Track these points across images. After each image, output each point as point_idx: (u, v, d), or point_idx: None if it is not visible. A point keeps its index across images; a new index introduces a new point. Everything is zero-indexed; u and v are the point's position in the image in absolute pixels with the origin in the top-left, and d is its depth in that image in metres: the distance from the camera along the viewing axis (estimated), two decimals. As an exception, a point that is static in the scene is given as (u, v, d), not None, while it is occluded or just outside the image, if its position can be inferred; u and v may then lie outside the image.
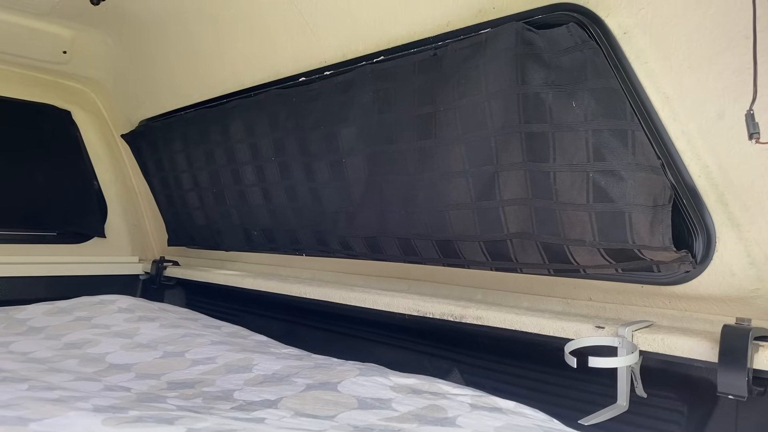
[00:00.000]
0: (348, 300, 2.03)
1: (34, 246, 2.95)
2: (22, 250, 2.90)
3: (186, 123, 2.65)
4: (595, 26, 1.35)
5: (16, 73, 2.94)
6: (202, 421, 1.02)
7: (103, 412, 1.08)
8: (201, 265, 3.00)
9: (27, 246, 2.93)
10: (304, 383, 1.44)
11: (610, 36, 1.35)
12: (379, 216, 1.88)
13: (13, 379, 1.44)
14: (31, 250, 2.92)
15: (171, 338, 1.96)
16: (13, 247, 2.89)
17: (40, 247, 2.97)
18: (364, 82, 1.81)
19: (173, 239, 3.07)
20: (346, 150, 1.92)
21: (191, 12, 2.33)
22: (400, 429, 1.14)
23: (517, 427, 1.20)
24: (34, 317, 2.26)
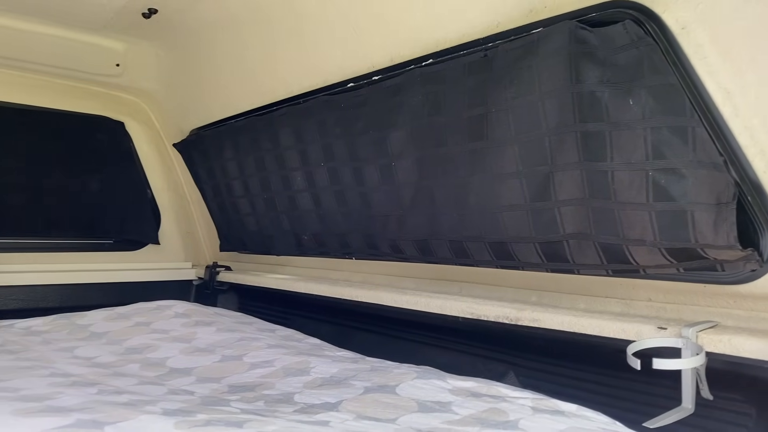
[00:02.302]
0: (400, 303, 2.04)
1: (91, 254, 3.04)
2: (81, 257, 3.00)
3: (236, 131, 2.70)
4: (652, 22, 1.33)
5: (71, 87, 3.04)
6: (270, 424, 1.04)
7: (173, 416, 1.11)
8: (252, 270, 3.05)
9: (85, 254, 3.03)
10: (363, 386, 1.45)
11: (668, 32, 1.32)
12: (430, 219, 1.88)
13: (82, 384, 1.49)
14: (89, 258, 3.02)
15: (228, 342, 2.00)
16: (72, 255, 2.99)
17: (98, 254, 3.06)
18: (413, 85, 1.82)
19: (225, 245, 3.13)
20: (396, 154, 1.93)
21: (240, 22, 2.38)
22: (463, 432, 1.14)
23: (581, 430, 1.19)
24: (95, 323, 2.34)
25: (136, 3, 2.44)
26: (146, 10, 2.50)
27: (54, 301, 2.80)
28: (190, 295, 3.20)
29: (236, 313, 2.56)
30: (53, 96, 2.97)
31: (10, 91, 2.86)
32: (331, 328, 2.41)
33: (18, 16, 2.53)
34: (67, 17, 2.57)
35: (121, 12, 2.52)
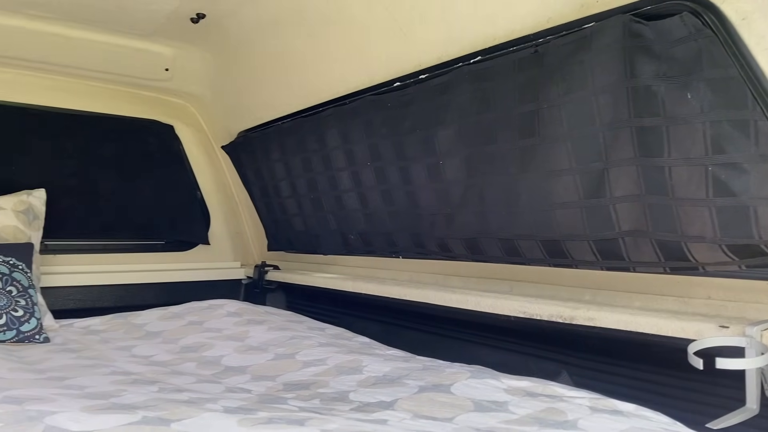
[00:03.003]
0: (449, 302, 2.03)
1: (144, 255, 3.12)
2: (134, 258, 3.08)
3: (283, 132, 2.74)
4: (710, 14, 1.29)
5: (123, 92, 3.12)
6: (330, 422, 1.06)
7: (235, 413, 1.14)
8: (299, 269, 3.08)
9: (138, 255, 3.10)
10: (417, 385, 1.45)
11: (727, 23, 1.29)
12: (479, 217, 1.88)
13: (142, 382, 1.54)
14: (142, 259, 3.10)
15: (280, 341, 2.03)
16: (125, 256, 3.07)
17: (150, 255, 3.13)
18: (461, 83, 1.81)
19: (272, 244, 3.17)
20: (444, 152, 1.93)
21: (286, 24, 2.40)
22: (522, 432, 1.13)
23: (642, 430, 1.17)
24: (150, 322, 2.40)
25: (184, 8, 2.50)
26: (194, 15, 2.56)
27: (109, 301, 2.88)
28: (239, 294, 3.25)
29: (286, 312, 2.59)
30: (105, 101, 3.05)
31: (64, 97, 2.95)
32: (378, 327, 2.41)
33: (71, 25, 2.61)
34: (118, 24, 2.64)
35: (171, 18, 2.57)
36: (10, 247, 2.34)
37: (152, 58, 2.91)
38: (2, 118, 2.75)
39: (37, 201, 2.63)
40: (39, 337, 2.14)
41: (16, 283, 2.21)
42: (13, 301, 2.15)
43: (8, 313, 2.11)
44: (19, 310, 2.14)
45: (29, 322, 2.14)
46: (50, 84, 2.90)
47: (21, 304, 2.17)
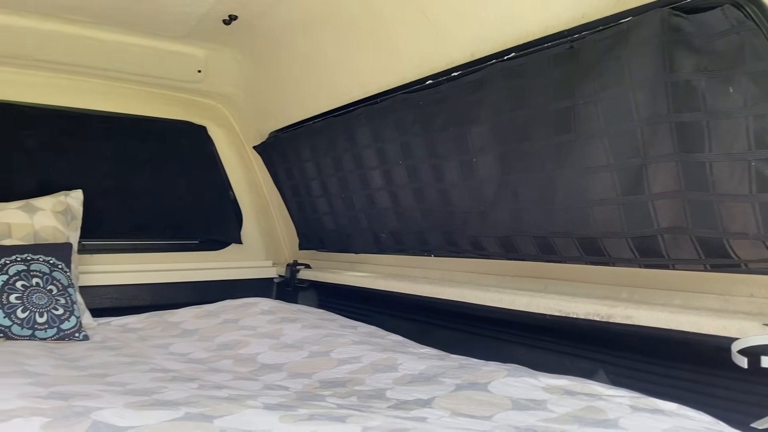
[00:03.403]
0: (483, 300, 2.02)
1: (178, 254, 3.17)
2: (168, 258, 3.13)
3: (314, 132, 2.75)
4: (753, 6, 1.27)
5: (156, 94, 3.17)
6: (371, 420, 1.06)
7: (275, 410, 1.15)
8: (331, 268, 3.10)
9: (172, 254, 3.15)
10: (453, 383, 1.45)
11: (771, 14, 1.26)
12: (513, 214, 1.86)
13: (182, 379, 1.56)
14: (176, 258, 3.14)
15: (314, 338, 2.04)
16: (160, 255, 3.12)
17: (184, 254, 3.18)
18: (495, 80, 1.80)
19: (304, 243, 3.19)
20: (477, 149, 1.92)
21: (316, 24, 2.42)
22: (562, 431, 1.12)
23: (685, 429, 1.15)
24: (186, 320, 2.43)
25: (216, 10, 2.52)
26: (226, 16, 2.59)
27: (145, 299, 2.92)
28: (271, 293, 3.28)
29: (318, 310, 2.60)
30: (140, 103, 3.10)
31: (99, 99, 3.01)
32: (410, 326, 2.41)
33: (106, 28, 2.66)
34: (152, 27, 2.68)
35: (203, 20, 2.61)
36: (50, 246, 2.39)
37: (185, 60, 2.95)
38: (40, 121, 2.81)
39: (75, 202, 2.69)
40: (78, 335, 2.18)
41: (57, 282, 2.26)
42: (53, 299, 2.20)
43: (49, 311, 2.16)
44: (59, 308, 2.19)
45: (69, 320, 2.19)
46: (86, 87, 2.96)
47: (61, 302, 2.21)
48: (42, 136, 2.80)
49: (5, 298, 2.10)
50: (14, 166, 2.73)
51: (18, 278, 2.17)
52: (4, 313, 2.08)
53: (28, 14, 2.48)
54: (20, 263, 2.22)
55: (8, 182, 2.68)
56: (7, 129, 2.73)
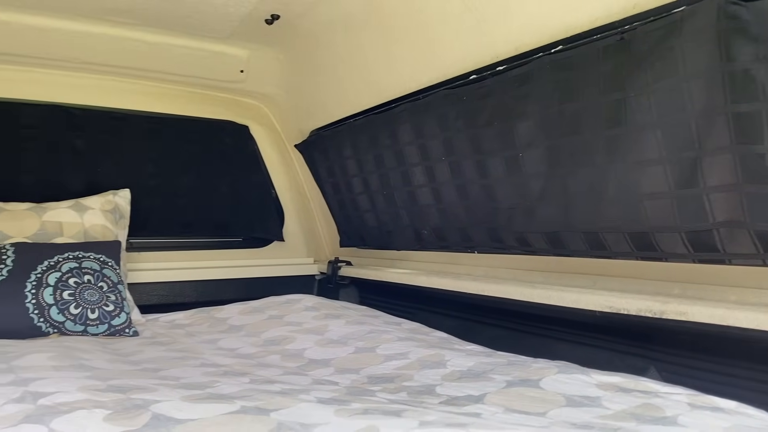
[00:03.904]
0: (529, 297, 2.00)
1: (222, 251, 3.22)
2: (213, 255, 3.18)
3: (355, 130, 2.76)
4: (815, -9, 1.23)
5: (200, 94, 3.22)
6: (427, 415, 1.06)
7: (329, 404, 1.15)
8: (371, 265, 3.10)
9: (216, 251, 3.20)
10: (504, 380, 1.44)
11: (835, -1, 1.22)
12: (561, 210, 1.84)
13: (233, 374, 1.58)
14: (220, 255, 3.19)
15: (359, 334, 2.05)
16: (204, 252, 3.17)
17: (228, 252, 3.23)
18: (542, 73, 1.78)
19: (345, 240, 3.21)
20: (523, 144, 1.90)
21: (358, 22, 2.42)
22: (619, 428, 1.10)
23: (748, 428, 1.12)
24: (232, 316, 2.47)
25: (259, 11, 2.55)
26: (269, 16, 2.61)
27: (191, 296, 2.98)
28: (312, 290, 3.31)
29: (361, 307, 2.61)
30: (184, 103, 3.16)
31: (145, 100, 3.08)
32: (454, 323, 2.40)
33: (152, 30, 2.71)
34: (196, 29, 2.73)
35: (246, 20, 2.64)
36: (100, 245, 2.45)
37: (228, 61, 2.99)
38: (89, 123, 2.88)
39: (123, 201, 2.75)
40: (129, 331, 2.23)
41: (107, 279, 2.32)
42: (104, 296, 2.25)
43: (100, 307, 2.21)
44: (110, 305, 2.24)
45: (119, 316, 2.24)
46: (133, 88, 3.02)
47: (111, 299, 2.27)
48: (91, 137, 2.87)
49: (59, 294, 2.16)
50: (64, 167, 2.80)
51: (70, 275, 2.23)
52: (58, 309, 2.13)
53: (78, 18, 2.55)
54: (72, 261, 2.28)
55: (59, 182, 2.76)
56: (58, 131, 2.80)
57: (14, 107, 2.74)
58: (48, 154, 2.78)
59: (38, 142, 2.76)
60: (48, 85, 2.82)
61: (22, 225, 2.43)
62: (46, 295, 2.14)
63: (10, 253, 2.22)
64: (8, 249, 2.23)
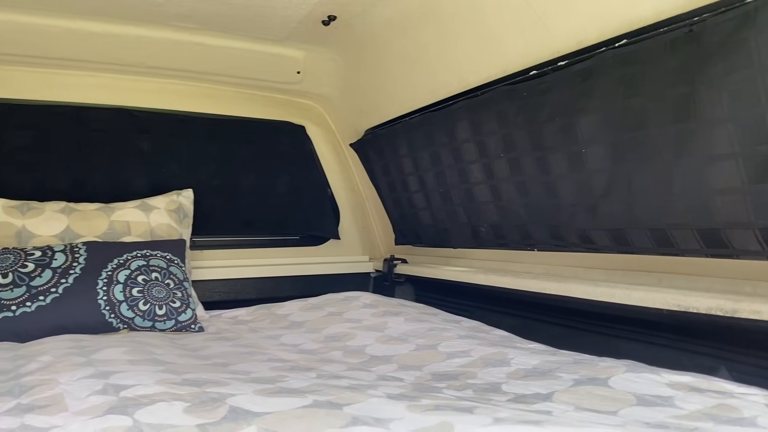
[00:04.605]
0: (593, 295, 1.98)
1: (280, 249, 3.28)
2: (271, 253, 3.24)
3: (411, 128, 2.77)
4: None
5: (258, 96, 3.29)
6: (498, 412, 1.06)
7: (399, 400, 1.17)
8: (427, 263, 3.11)
9: (275, 249, 3.27)
10: (571, 378, 1.43)
11: None
12: (626, 206, 1.81)
13: (299, 369, 1.61)
14: (278, 253, 3.25)
15: (419, 332, 2.06)
16: (263, 251, 3.23)
17: (285, 250, 3.29)
18: (606, 68, 1.75)
19: (400, 238, 3.22)
20: (586, 140, 1.87)
21: (415, 20, 2.43)
22: (695, 428, 1.08)
23: (831, 431, 1.09)
24: (293, 313, 2.51)
25: (316, 12, 2.58)
26: (326, 17, 2.64)
27: (251, 293, 3.04)
28: (368, 287, 3.34)
29: (418, 304, 2.62)
30: (243, 105, 3.23)
31: (206, 102, 3.15)
32: (513, 321, 2.38)
33: (212, 34, 2.78)
34: (255, 31, 2.78)
35: (303, 22, 2.67)
36: (167, 243, 2.53)
37: (285, 62, 3.04)
38: (153, 125, 2.98)
39: (186, 200, 2.83)
40: (194, 327, 2.30)
41: (173, 277, 2.39)
42: (171, 293, 2.33)
43: (167, 304, 2.29)
44: (176, 301, 2.31)
45: (185, 312, 2.31)
46: (194, 91, 3.11)
47: (178, 296, 2.34)
48: (155, 139, 2.97)
49: (128, 291, 2.24)
50: (130, 168, 2.91)
51: (139, 273, 2.31)
52: (127, 305, 2.21)
53: (142, 24, 2.63)
54: (140, 259, 2.36)
55: (126, 183, 2.86)
56: (125, 133, 2.91)
57: (84, 111, 2.85)
58: (115, 155, 2.88)
59: (106, 144, 2.87)
60: (114, 89, 2.92)
61: (92, 225, 2.53)
62: (116, 292, 2.22)
63: (83, 251, 2.31)
64: (81, 248, 2.32)
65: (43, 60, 2.73)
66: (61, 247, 2.31)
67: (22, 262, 2.20)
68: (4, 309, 2.07)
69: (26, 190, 2.65)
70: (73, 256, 2.27)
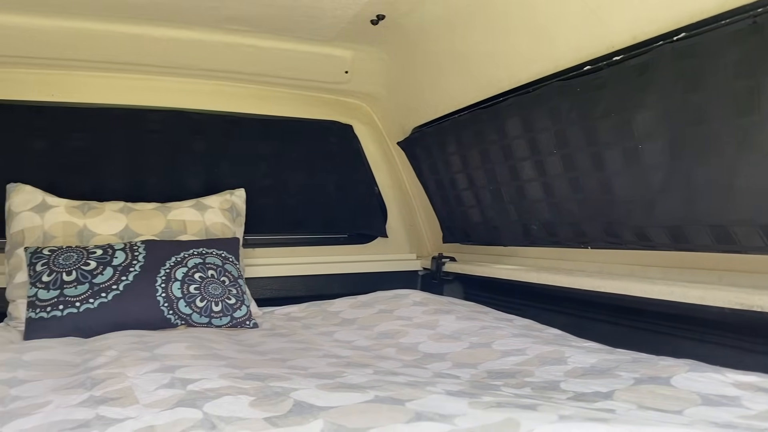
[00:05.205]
0: (650, 293, 1.94)
1: (329, 247, 3.32)
2: (320, 251, 3.29)
3: (459, 125, 2.77)
4: None
5: (306, 96, 3.33)
6: (562, 410, 1.06)
7: (460, 396, 1.17)
8: (476, 261, 3.10)
9: (323, 248, 3.31)
10: (631, 377, 1.41)
11: None
12: (685, 203, 1.77)
13: (356, 365, 1.63)
14: (327, 251, 3.30)
15: (471, 330, 2.06)
16: (312, 249, 3.28)
17: (334, 248, 3.33)
18: (664, 62, 1.72)
19: (448, 236, 3.22)
20: (643, 135, 1.84)
21: (465, 17, 2.42)
22: (766, 429, 1.06)
23: None
24: (344, 310, 2.54)
25: (365, 12, 2.60)
26: (374, 17, 2.66)
27: (300, 290, 3.09)
28: (416, 285, 3.35)
29: (468, 303, 2.61)
30: (292, 105, 3.27)
31: (255, 103, 3.21)
32: (566, 319, 2.36)
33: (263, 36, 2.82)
34: (304, 32, 2.81)
35: (352, 21, 2.69)
36: (222, 241, 2.58)
37: (333, 62, 3.06)
38: (207, 126, 3.05)
39: (239, 200, 2.89)
40: (249, 323, 2.35)
41: (228, 274, 2.44)
42: (226, 290, 2.38)
43: (223, 300, 2.34)
44: (231, 298, 2.37)
45: (240, 309, 2.36)
46: (245, 92, 3.17)
47: (233, 292, 2.39)
48: (208, 140, 3.04)
49: (186, 288, 2.30)
50: (185, 168, 2.98)
51: (196, 270, 2.37)
52: (185, 302, 2.27)
53: (196, 27, 2.69)
54: (197, 257, 2.42)
55: (181, 183, 2.94)
56: (179, 134, 2.99)
57: (140, 113, 2.94)
58: (170, 156, 2.96)
59: (161, 145, 2.95)
60: (169, 91, 3.00)
61: (150, 223, 2.60)
62: (174, 289, 2.28)
63: (142, 249, 2.38)
64: (140, 246, 2.40)
65: (101, 64, 2.83)
66: (121, 245, 2.38)
67: (84, 260, 2.28)
68: (68, 305, 2.15)
69: (86, 190, 2.74)
70: (132, 254, 2.35)
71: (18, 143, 2.74)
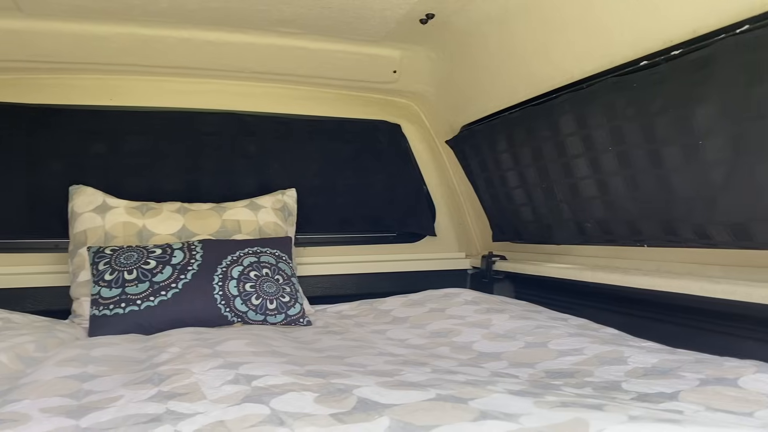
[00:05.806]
0: (711, 292, 1.90)
1: (378, 246, 3.34)
2: (369, 249, 3.31)
3: (510, 123, 2.75)
4: None
5: (355, 96, 3.35)
6: (629, 410, 1.05)
7: (523, 396, 1.17)
8: (527, 259, 3.07)
9: (372, 246, 3.33)
10: (696, 378, 1.38)
11: None
12: (749, 199, 1.73)
13: (412, 363, 1.64)
14: (376, 250, 3.32)
15: (525, 329, 2.04)
16: (361, 247, 3.31)
17: (383, 246, 3.35)
18: (726, 56, 1.68)
19: (498, 235, 3.20)
20: (704, 131, 1.80)
21: (515, 14, 2.41)
22: (844, 433, 1.03)
23: None
24: (395, 308, 2.55)
25: (415, 11, 2.60)
26: (423, 16, 2.66)
27: (351, 288, 3.12)
28: (465, 284, 3.34)
29: (521, 302, 2.59)
30: (341, 106, 3.31)
31: (305, 104, 3.25)
32: (622, 319, 2.32)
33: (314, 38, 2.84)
34: (353, 33, 2.83)
35: (402, 21, 2.70)
36: (275, 240, 2.63)
37: (382, 62, 3.08)
38: (259, 127, 3.11)
39: (290, 199, 2.93)
40: (303, 321, 2.38)
41: (282, 273, 2.49)
42: (280, 288, 2.42)
43: (277, 298, 2.38)
44: (285, 296, 2.41)
45: (294, 306, 2.40)
46: (295, 94, 3.21)
47: (287, 291, 2.43)
48: (261, 141, 3.10)
49: (242, 286, 2.35)
50: (239, 169, 3.04)
51: (251, 269, 2.42)
52: (241, 300, 2.32)
53: (248, 31, 2.74)
54: (252, 255, 2.47)
55: (235, 184, 3.00)
56: (233, 136, 3.05)
57: (195, 116, 3.01)
58: (224, 157, 3.03)
59: (216, 147, 3.02)
60: (223, 94, 3.07)
61: (206, 223, 2.67)
62: (230, 287, 2.34)
63: (199, 248, 2.44)
64: (197, 245, 2.46)
65: (157, 69, 2.91)
66: (179, 245, 2.45)
67: (144, 259, 2.35)
68: (130, 303, 2.22)
69: (144, 191, 2.83)
70: (190, 253, 2.41)
71: (79, 147, 2.84)
